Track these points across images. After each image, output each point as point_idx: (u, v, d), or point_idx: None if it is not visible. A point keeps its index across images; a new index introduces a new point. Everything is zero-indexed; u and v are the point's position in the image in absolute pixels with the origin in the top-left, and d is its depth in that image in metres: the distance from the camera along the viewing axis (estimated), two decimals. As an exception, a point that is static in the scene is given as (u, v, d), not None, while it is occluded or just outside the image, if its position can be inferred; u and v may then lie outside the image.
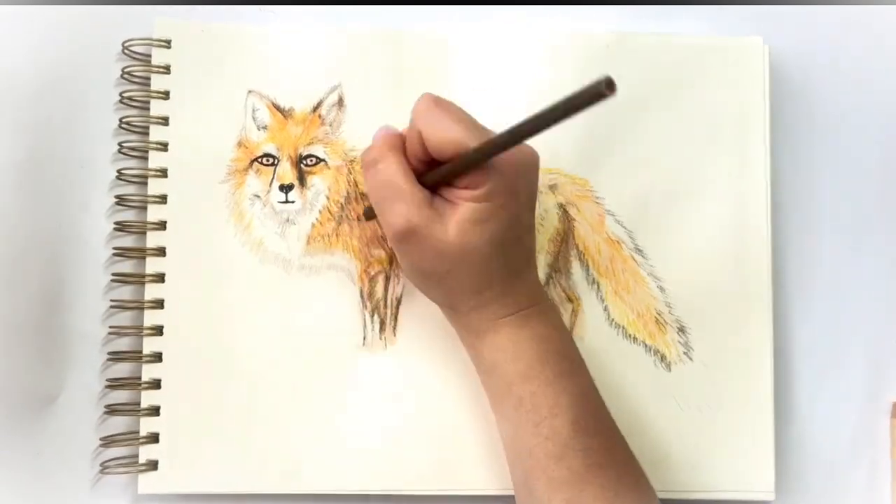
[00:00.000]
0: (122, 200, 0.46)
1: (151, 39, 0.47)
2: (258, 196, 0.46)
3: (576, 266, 0.47)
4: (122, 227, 0.46)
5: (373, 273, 0.47)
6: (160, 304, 0.46)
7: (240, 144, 0.47)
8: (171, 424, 0.45)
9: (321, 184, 0.47)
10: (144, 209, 0.46)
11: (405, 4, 0.49)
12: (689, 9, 0.50)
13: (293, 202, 0.46)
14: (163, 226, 0.46)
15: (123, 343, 0.46)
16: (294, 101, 0.47)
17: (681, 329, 0.47)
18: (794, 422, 0.48)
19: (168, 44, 0.47)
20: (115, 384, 0.46)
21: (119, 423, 0.46)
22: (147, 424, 0.45)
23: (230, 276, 0.46)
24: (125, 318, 0.46)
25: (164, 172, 0.46)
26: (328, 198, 0.47)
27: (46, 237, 0.46)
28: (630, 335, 0.47)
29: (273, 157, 0.47)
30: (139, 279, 0.46)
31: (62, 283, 0.46)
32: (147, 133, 0.46)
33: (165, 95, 0.47)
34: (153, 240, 0.46)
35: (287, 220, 0.46)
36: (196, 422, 0.45)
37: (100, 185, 0.47)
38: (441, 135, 0.37)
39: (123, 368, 0.46)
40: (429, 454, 0.45)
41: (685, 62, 0.48)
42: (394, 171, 0.38)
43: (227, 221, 0.46)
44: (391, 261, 0.47)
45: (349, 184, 0.47)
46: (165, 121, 0.46)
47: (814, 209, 0.49)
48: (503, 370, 0.40)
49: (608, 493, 0.38)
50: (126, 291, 0.47)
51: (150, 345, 0.46)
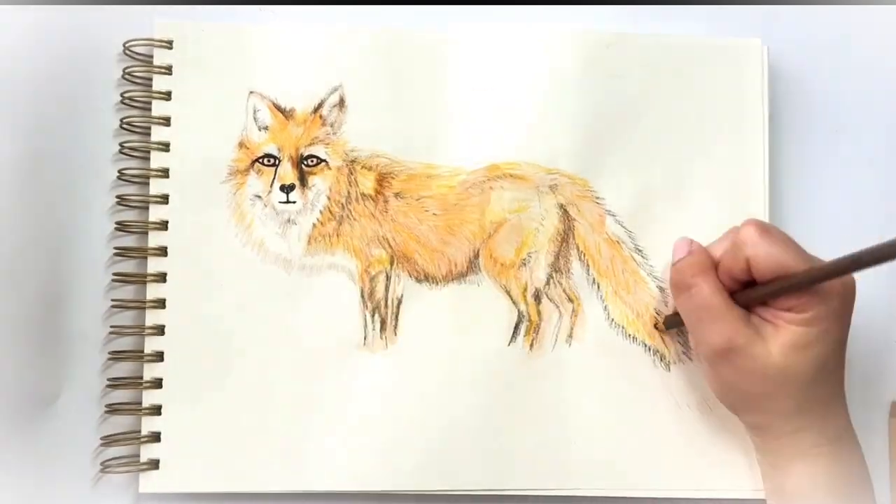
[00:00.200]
0: (123, 200, 0.46)
1: (153, 40, 0.47)
2: (259, 196, 0.47)
3: (576, 266, 0.47)
4: (123, 227, 0.46)
5: (373, 273, 0.47)
6: (162, 304, 0.46)
7: (241, 145, 0.47)
8: (173, 424, 0.45)
9: (322, 184, 0.47)
10: (145, 209, 0.46)
11: (405, 4, 0.49)
12: (689, 9, 0.50)
13: (294, 202, 0.46)
14: (164, 226, 0.46)
15: (124, 343, 0.46)
16: (295, 102, 0.47)
17: (681, 329, 0.47)
18: (794, 421, 0.48)
19: (169, 44, 0.47)
20: (116, 384, 0.46)
21: (120, 423, 0.46)
22: (149, 424, 0.45)
23: (231, 277, 0.46)
24: (126, 318, 0.47)
25: (166, 173, 0.46)
26: (329, 198, 0.47)
27: (47, 237, 0.46)
28: (630, 335, 0.47)
29: (274, 158, 0.47)
30: (140, 279, 0.46)
31: (62, 283, 0.46)
32: (148, 133, 0.46)
33: (167, 96, 0.47)
34: (155, 240, 0.46)
35: (288, 221, 0.47)
36: (197, 421, 0.45)
37: (101, 185, 0.47)
38: (772, 261, 0.37)
39: (124, 368, 0.46)
40: (429, 453, 0.46)
41: (684, 63, 0.48)
42: (709, 294, 0.39)
43: (229, 222, 0.46)
44: (392, 261, 0.47)
45: (350, 184, 0.47)
46: (167, 121, 0.46)
47: (813, 209, 0.49)
48: (806, 500, 0.39)
49: None
50: (127, 291, 0.47)
51: (152, 344, 0.46)
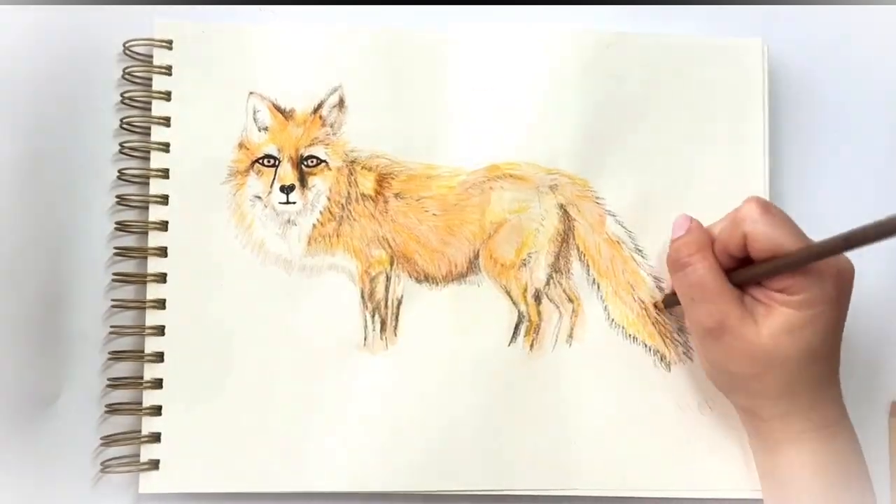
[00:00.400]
0: (123, 200, 0.46)
1: (153, 40, 0.47)
2: (259, 197, 0.46)
3: (576, 266, 0.47)
4: (123, 227, 0.46)
5: (374, 274, 0.47)
6: (162, 305, 0.46)
7: (241, 146, 0.47)
8: (173, 424, 0.45)
9: (322, 185, 0.47)
10: (145, 209, 0.46)
11: (405, 4, 0.49)
12: (689, 9, 0.50)
13: (294, 203, 0.46)
14: (164, 226, 0.46)
15: (124, 343, 0.46)
16: (295, 102, 0.47)
17: (680, 329, 0.47)
18: (794, 421, 0.48)
19: (169, 45, 0.47)
20: (116, 384, 0.46)
21: (120, 423, 0.46)
22: (149, 424, 0.45)
23: (231, 277, 0.46)
24: (126, 318, 0.47)
25: (166, 173, 0.46)
26: (329, 198, 0.47)
27: (47, 237, 0.46)
28: (630, 335, 0.47)
29: (274, 159, 0.47)
30: (140, 279, 0.46)
31: (62, 283, 0.46)
32: (148, 133, 0.46)
33: (167, 96, 0.47)
34: (154, 240, 0.46)
35: (288, 221, 0.47)
36: (197, 421, 0.45)
37: (101, 185, 0.47)
38: (769, 239, 0.37)
39: (124, 368, 0.46)
40: (429, 453, 0.46)
41: (685, 63, 0.48)
42: (704, 273, 0.39)
43: (229, 222, 0.46)
44: (392, 261, 0.47)
45: (350, 184, 0.47)
46: (167, 121, 0.46)
47: (813, 209, 0.49)
48: (797, 486, 0.39)
49: None
50: (127, 291, 0.47)
51: (152, 345, 0.46)
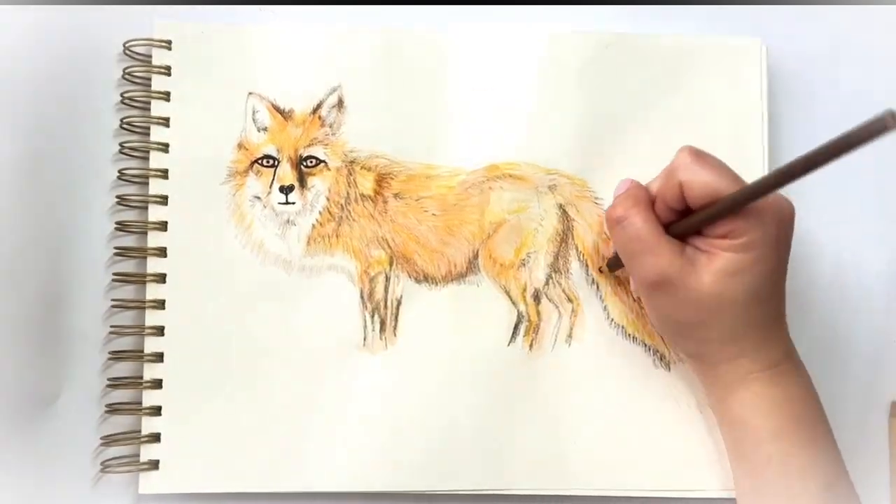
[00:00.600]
0: (123, 200, 0.46)
1: (152, 40, 0.47)
2: (258, 197, 0.47)
3: (575, 266, 0.47)
4: (123, 227, 0.46)
5: (373, 274, 0.47)
6: (161, 305, 0.46)
7: (240, 146, 0.47)
8: (173, 424, 0.45)
9: (321, 185, 0.47)
10: (145, 209, 0.46)
11: (405, 4, 0.49)
12: (689, 9, 0.50)
13: (293, 203, 0.46)
14: (164, 226, 0.46)
15: (124, 343, 0.46)
16: (294, 103, 0.47)
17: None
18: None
19: (169, 45, 0.47)
20: (116, 384, 0.46)
21: (120, 423, 0.46)
22: (149, 424, 0.45)
23: (231, 278, 0.46)
24: (126, 318, 0.47)
25: (165, 173, 0.46)
26: (328, 199, 0.47)
27: (47, 237, 0.46)
28: (630, 335, 0.47)
29: (273, 159, 0.47)
30: (140, 279, 0.46)
31: (62, 283, 0.46)
32: (147, 133, 0.46)
33: (166, 96, 0.47)
34: (154, 240, 0.46)
35: (287, 222, 0.47)
36: (197, 421, 0.45)
37: (101, 185, 0.47)
38: (704, 184, 0.37)
39: (124, 368, 0.46)
40: (429, 453, 0.46)
41: (684, 63, 0.48)
42: (641, 225, 0.39)
43: (228, 223, 0.46)
44: (391, 261, 0.47)
45: (349, 185, 0.47)
46: (166, 122, 0.46)
47: (813, 209, 0.49)
48: (752, 426, 0.39)
49: None
50: (127, 291, 0.47)
51: (152, 345, 0.46)
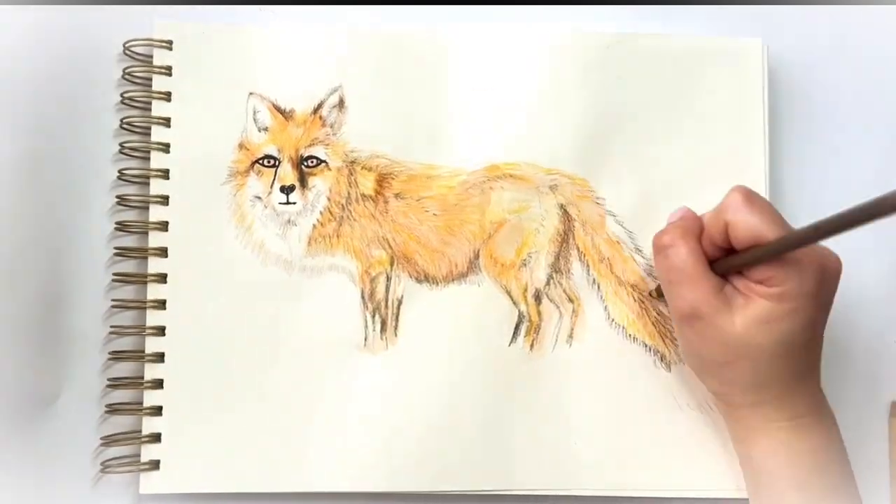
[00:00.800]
0: (123, 200, 0.46)
1: (153, 40, 0.47)
2: (259, 197, 0.47)
3: (576, 266, 0.47)
4: (123, 227, 0.46)
5: (374, 274, 0.47)
6: (162, 305, 0.46)
7: (241, 146, 0.47)
8: (174, 424, 0.45)
9: (322, 185, 0.47)
10: (145, 209, 0.46)
11: (405, 4, 0.49)
12: (689, 9, 0.50)
13: (294, 203, 0.46)
14: (164, 226, 0.46)
15: (124, 343, 0.46)
16: (295, 103, 0.47)
17: None
18: (793, 421, 0.48)
19: (169, 45, 0.47)
20: (116, 384, 0.46)
21: (120, 423, 0.46)
22: (150, 424, 0.45)
23: (232, 278, 0.46)
24: (126, 318, 0.47)
25: (166, 173, 0.46)
26: (329, 199, 0.47)
27: (47, 237, 0.46)
28: (630, 335, 0.47)
29: (274, 159, 0.47)
30: (140, 279, 0.46)
31: (62, 283, 0.46)
32: (148, 134, 0.46)
33: (167, 96, 0.47)
34: (155, 240, 0.46)
35: (288, 222, 0.47)
36: (198, 422, 0.45)
37: (101, 185, 0.47)
38: (748, 227, 0.37)
39: (124, 368, 0.46)
40: (429, 454, 0.46)
41: (685, 63, 0.48)
42: (685, 257, 0.39)
43: (229, 223, 0.46)
44: (392, 261, 0.47)
45: (350, 185, 0.47)
46: (167, 122, 0.46)
47: (813, 209, 0.49)
48: (775, 475, 0.39)
49: None
50: (127, 291, 0.47)
51: (152, 345, 0.46)
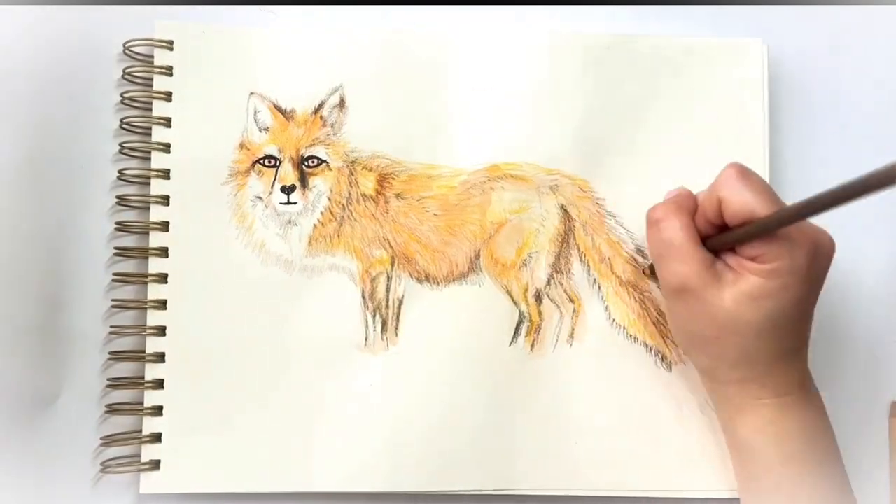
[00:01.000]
0: (123, 200, 0.46)
1: (153, 40, 0.47)
2: (260, 197, 0.47)
3: (577, 266, 0.47)
4: (123, 227, 0.46)
5: (374, 274, 0.47)
6: (163, 305, 0.46)
7: (242, 146, 0.47)
8: (174, 424, 0.45)
9: (323, 185, 0.47)
10: (145, 210, 0.46)
11: (405, 4, 0.49)
12: (689, 9, 0.50)
13: (295, 203, 0.46)
14: (165, 226, 0.46)
15: (124, 343, 0.46)
16: (295, 103, 0.47)
17: None
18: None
19: (170, 45, 0.47)
20: (116, 384, 0.46)
21: (120, 423, 0.46)
22: (150, 424, 0.45)
23: (232, 278, 0.46)
24: (126, 318, 0.47)
25: (167, 173, 0.46)
26: (330, 199, 0.47)
27: (47, 237, 0.46)
28: (631, 335, 0.47)
29: (275, 159, 0.47)
30: (141, 279, 0.46)
31: (62, 283, 0.46)
32: (148, 134, 0.46)
33: (168, 96, 0.47)
34: (155, 240, 0.46)
35: (289, 222, 0.47)
36: (198, 422, 0.45)
37: (101, 185, 0.47)
38: (741, 203, 0.37)
39: (124, 368, 0.46)
40: (429, 454, 0.46)
41: (685, 63, 0.48)
42: (676, 231, 0.39)
43: (230, 223, 0.46)
44: (393, 261, 0.47)
45: (350, 185, 0.47)
46: (168, 122, 0.46)
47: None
48: (761, 452, 0.40)
49: None
50: (127, 291, 0.47)
51: (153, 345, 0.46)
